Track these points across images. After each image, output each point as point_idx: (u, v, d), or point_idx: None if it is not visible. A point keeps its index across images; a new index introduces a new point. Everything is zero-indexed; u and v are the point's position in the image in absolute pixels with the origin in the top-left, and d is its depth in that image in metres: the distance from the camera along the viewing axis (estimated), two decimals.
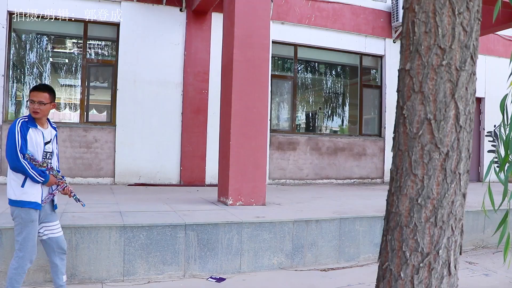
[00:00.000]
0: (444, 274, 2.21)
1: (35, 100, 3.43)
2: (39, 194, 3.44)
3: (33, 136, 3.41)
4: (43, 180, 3.41)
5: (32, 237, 3.43)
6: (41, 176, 3.40)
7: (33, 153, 3.42)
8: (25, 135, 3.36)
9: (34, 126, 3.44)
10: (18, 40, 8.71)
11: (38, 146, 3.44)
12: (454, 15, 2.15)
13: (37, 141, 3.44)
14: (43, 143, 3.48)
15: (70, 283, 4.28)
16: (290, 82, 10.62)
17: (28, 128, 3.40)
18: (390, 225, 2.31)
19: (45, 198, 3.51)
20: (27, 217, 3.39)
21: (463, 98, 2.17)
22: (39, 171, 3.40)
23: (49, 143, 3.54)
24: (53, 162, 3.61)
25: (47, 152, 3.52)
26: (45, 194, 3.52)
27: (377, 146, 11.25)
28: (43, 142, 3.48)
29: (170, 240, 4.66)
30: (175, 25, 9.22)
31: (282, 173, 10.18)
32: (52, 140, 3.60)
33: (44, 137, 3.50)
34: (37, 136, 3.44)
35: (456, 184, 2.20)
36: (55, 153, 3.66)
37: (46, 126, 3.58)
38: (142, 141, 8.91)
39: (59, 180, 3.57)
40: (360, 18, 10.92)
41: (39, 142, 3.45)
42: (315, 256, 5.35)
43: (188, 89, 9.23)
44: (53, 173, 3.53)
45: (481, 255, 6.13)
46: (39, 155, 3.46)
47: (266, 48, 6.47)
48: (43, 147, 3.48)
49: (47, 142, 3.52)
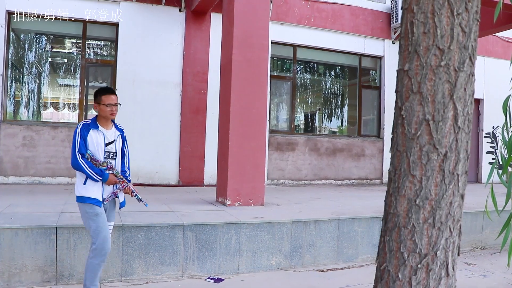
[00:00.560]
0: (442, 275, 2.21)
1: (112, 103, 3.66)
2: (99, 192, 3.62)
3: (93, 137, 3.60)
4: (100, 179, 3.58)
5: (101, 229, 3.58)
6: (99, 175, 3.57)
7: (94, 153, 3.60)
8: (85, 137, 3.58)
9: (96, 128, 3.64)
10: (17, 39, 8.70)
11: (98, 147, 3.61)
12: (453, 15, 2.15)
13: (98, 142, 3.62)
14: (104, 144, 3.65)
15: (68, 283, 4.28)
16: (289, 82, 10.61)
17: (88, 130, 3.60)
18: (388, 226, 2.31)
19: (108, 197, 3.68)
20: (92, 211, 3.58)
21: (462, 99, 2.18)
22: (97, 170, 3.57)
23: (111, 144, 3.70)
24: (117, 162, 3.76)
25: (110, 152, 3.69)
26: (107, 192, 3.68)
27: (376, 147, 11.25)
28: (104, 142, 3.65)
29: (169, 240, 4.65)
30: (174, 25, 9.21)
31: (280, 174, 10.17)
32: (116, 140, 3.75)
33: (106, 137, 3.67)
34: (98, 137, 3.62)
35: (454, 185, 2.20)
36: (120, 153, 3.82)
37: (110, 128, 3.74)
38: (141, 141, 8.90)
39: (120, 180, 3.70)
40: (359, 19, 10.92)
41: (99, 143, 3.62)
42: (313, 256, 5.35)
43: (187, 89, 9.22)
44: (114, 173, 3.66)
45: (479, 256, 6.13)
46: (100, 155, 3.62)
47: (265, 49, 6.47)
48: (104, 147, 3.65)
49: (109, 142, 3.69)
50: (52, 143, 8.38)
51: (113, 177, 3.64)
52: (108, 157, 3.67)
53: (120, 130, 3.82)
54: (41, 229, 4.24)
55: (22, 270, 4.16)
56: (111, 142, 3.70)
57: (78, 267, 4.32)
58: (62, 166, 8.39)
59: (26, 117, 8.75)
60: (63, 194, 6.72)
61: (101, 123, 3.68)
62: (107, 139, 3.67)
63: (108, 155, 3.67)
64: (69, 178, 8.42)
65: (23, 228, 4.18)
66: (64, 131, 8.45)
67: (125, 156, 3.88)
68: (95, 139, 3.60)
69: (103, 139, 3.65)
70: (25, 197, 6.27)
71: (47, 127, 8.40)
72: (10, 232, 4.14)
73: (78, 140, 3.56)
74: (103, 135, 3.65)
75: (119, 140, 3.78)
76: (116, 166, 3.72)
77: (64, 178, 8.41)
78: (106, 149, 3.66)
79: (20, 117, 8.70)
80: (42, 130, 8.36)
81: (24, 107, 8.76)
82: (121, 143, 3.82)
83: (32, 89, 8.79)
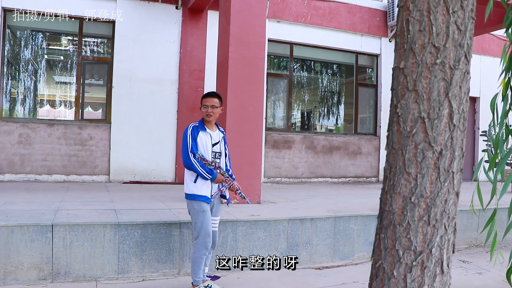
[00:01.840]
0: (437, 272, 2.22)
1: (208, 104, 3.98)
2: (208, 189, 3.94)
3: (202, 138, 3.93)
4: (210, 177, 3.89)
5: (205, 226, 3.92)
6: (209, 174, 3.89)
7: (203, 153, 3.91)
8: (195, 138, 3.91)
9: (204, 130, 3.97)
10: (12, 36, 8.66)
11: (206, 147, 3.94)
12: (449, 13, 2.15)
13: (206, 143, 3.94)
14: (211, 144, 3.98)
15: (64, 281, 4.28)
16: (286, 80, 10.62)
17: (198, 131, 3.94)
18: (383, 223, 2.32)
19: (214, 194, 3.99)
20: (199, 208, 3.91)
21: (457, 97, 2.18)
22: (207, 169, 3.89)
23: (216, 144, 4.03)
24: (222, 161, 4.07)
25: (215, 152, 4.02)
26: (214, 190, 4.00)
27: (372, 145, 11.28)
28: (211, 143, 3.98)
29: (165, 238, 4.65)
30: (171, 23, 9.19)
31: (277, 172, 10.18)
32: (220, 141, 4.07)
33: (212, 139, 4.00)
34: (206, 138, 3.95)
35: (449, 183, 2.20)
36: (224, 154, 4.12)
37: (214, 129, 4.08)
38: (137, 139, 8.89)
39: (226, 178, 4.00)
40: (356, 17, 10.92)
41: (207, 144, 3.95)
42: (309, 254, 5.36)
43: (183, 87, 9.21)
44: (221, 172, 3.97)
45: (474, 254, 6.16)
46: (208, 155, 3.95)
47: (262, 46, 6.46)
48: (211, 148, 3.97)
49: (215, 143, 4.01)
50: (48, 140, 8.35)
51: (220, 176, 3.95)
52: (214, 157, 4.00)
53: (222, 132, 4.15)
54: (37, 226, 4.23)
55: (18, 267, 4.15)
56: (216, 143, 4.03)
57: (74, 264, 4.32)
58: (58, 163, 8.38)
59: (22, 114, 8.72)
60: (59, 192, 6.70)
61: (206, 125, 4.02)
62: (213, 140, 4.00)
63: (214, 155, 4.00)
64: (65, 175, 8.41)
65: (19, 226, 4.17)
66: (60, 128, 8.43)
67: (226, 156, 4.17)
68: (203, 140, 3.92)
69: (210, 140, 3.97)
70: (21, 195, 6.25)
71: (43, 125, 8.37)
72: (6, 230, 4.13)
73: (190, 140, 3.88)
74: (210, 136, 3.98)
75: (222, 141, 4.11)
76: (221, 165, 4.03)
77: (60, 176, 8.39)
78: (212, 149, 3.98)
79: (16, 114, 8.67)
80: (38, 127, 8.33)
81: (20, 104, 8.73)
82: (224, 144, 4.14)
83: (28, 86, 8.77)
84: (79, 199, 5.94)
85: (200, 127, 3.97)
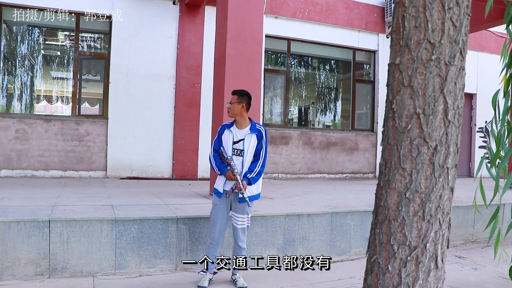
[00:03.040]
0: (431, 267, 2.23)
1: (228, 101, 4.26)
2: (221, 184, 4.18)
3: (226, 135, 4.19)
4: (219, 173, 4.15)
5: (213, 218, 4.22)
6: (218, 169, 4.14)
7: (226, 149, 4.13)
8: (220, 135, 4.21)
9: (229, 127, 4.22)
10: (9, 32, 8.63)
11: (227, 144, 4.15)
12: (444, 10, 2.16)
13: (227, 140, 4.17)
14: (232, 142, 4.15)
15: (61, 276, 4.28)
16: (283, 76, 10.61)
17: (224, 129, 4.22)
18: (378, 218, 2.33)
19: (228, 190, 4.14)
20: (213, 200, 4.28)
21: (452, 93, 2.19)
22: (218, 165, 4.15)
23: (238, 142, 4.15)
24: (245, 159, 4.13)
25: (237, 149, 4.16)
26: (228, 186, 4.14)
27: (369, 141, 11.29)
28: (232, 140, 4.15)
29: (162, 233, 4.66)
30: (168, 18, 9.17)
31: (274, 168, 10.19)
32: (245, 139, 4.14)
33: (235, 136, 4.17)
34: (228, 135, 4.18)
35: (444, 179, 2.22)
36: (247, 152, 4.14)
37: (243, 127, 4.21)
38: (135, 135, 8.88)
39: (234, 176, 4.05)
40: (354, 13, 10.92)
41: (228, 141, 4.16)
42: (306, 250, 5.38)
43: (180, 83, 9.20)
44: (231, 169, 4.06)
45: (470, 250, 6.19)
46: (229, 151, 4.13)
47: (259, 42, 6.46)
48: (231, 145, 4.15)
49: (237, 140, 4.16)
50: (45, 136, 8.34)
51: (229, 173, 4.06)
52: (236, 154, 4.14)
53: (257, 130, 4.20)
54: (34, 222, 4.23)
55: (15, 263, 4.15)
56: (239, 140, 4.15)
57: (71, 260, 4.33)
58: (55, 159, 8.37)
59: (19, 110, 8.70)
60: (56, 187, 6.70)
61: (236, 123, 4.23)
62: (236, 137, 4.16)
63: (235, 152, 4.14)
64: (62, 171, 8.40)
65: (16, 221, 4.17)
66: (57, 124, 8.41)
67: (258, 156, 4.19)
68: (226, 137, 4.17)
69: (232, 138, 4.15)
70: (18, 190, 6.25)
71: (40, 120, 8.36)
72: (2, 225, 4.13)
73: (216, 137, 4.23)
74: (233, 134, 4.17)
75: (252, 139, 4.15)
76: (244, 163, 4.11)
77: (57, 171, 8.39)
78: (233, 146, 4.14)
79: (12, 110, 8.65)
80: (35, 123, 8.31)
81: (16, 100, 8.70)
82: (256, 143, 4.17)
83: (25, 82, 8.74)
84: (76, 195, 5.94)
85: (228, 126, 4.24)
